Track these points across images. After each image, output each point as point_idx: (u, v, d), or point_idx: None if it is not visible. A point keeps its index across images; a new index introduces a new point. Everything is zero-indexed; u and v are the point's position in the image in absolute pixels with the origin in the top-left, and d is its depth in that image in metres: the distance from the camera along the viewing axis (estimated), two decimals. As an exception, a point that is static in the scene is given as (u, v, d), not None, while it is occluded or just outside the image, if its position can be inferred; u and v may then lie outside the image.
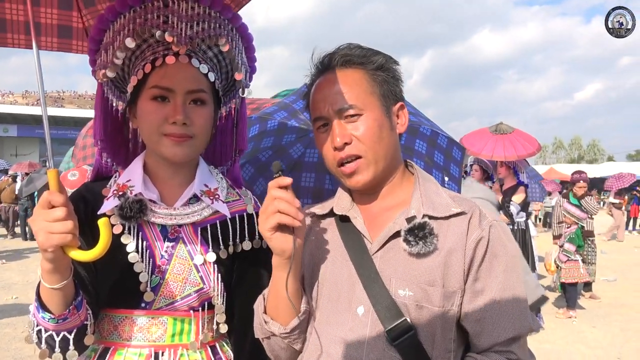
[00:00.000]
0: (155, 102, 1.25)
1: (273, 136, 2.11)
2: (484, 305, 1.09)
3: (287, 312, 1.16)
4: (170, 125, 1.24)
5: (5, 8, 1.52)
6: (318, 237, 1.26)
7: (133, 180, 1.31)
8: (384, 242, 1.15)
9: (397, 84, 1.24)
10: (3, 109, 34.61)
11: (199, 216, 1.32)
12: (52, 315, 1.11)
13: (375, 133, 1.16)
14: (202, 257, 1.32)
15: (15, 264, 10.30)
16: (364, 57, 1.20)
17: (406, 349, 1.06)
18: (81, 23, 1.65)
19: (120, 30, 1.22)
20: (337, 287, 1.17)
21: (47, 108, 1.23)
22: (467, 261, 1.10)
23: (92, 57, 1.32)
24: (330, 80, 1.20)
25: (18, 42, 1.62)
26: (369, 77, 1.19)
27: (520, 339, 1.10)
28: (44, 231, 1.00)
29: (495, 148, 5.92)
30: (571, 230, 7.11)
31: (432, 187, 1.21)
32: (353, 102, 1.16)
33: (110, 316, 1.30)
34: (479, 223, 1.13)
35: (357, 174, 1.18)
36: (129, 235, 1.27)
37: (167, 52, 1.24)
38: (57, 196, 1.02)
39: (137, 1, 1.23)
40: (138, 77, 1.26)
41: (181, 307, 1.31)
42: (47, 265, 1.05)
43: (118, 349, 1.28)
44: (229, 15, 1.30)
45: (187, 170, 1.37)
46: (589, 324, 6.44)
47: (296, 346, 1.22)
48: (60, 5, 1.58)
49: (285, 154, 2.06)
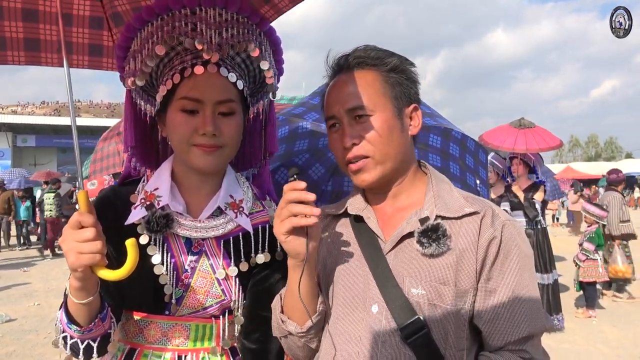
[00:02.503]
0: (184, 113, 1.25)
1: (307, 139, 2.08)
2: (497, 305, 1.09)
3: (303, 312, 1.18)
4: (200, 137, 1.25)
5: (40, 29, 1.59)
6: (333, 237, 1.29)
7: (161, 189, 1.32)
8: (397, 242, 1.16)
9: (412, 86, 1.24)
10: (22, 120, 35.26)
11: (222, 229, 1.33)
12: (79, 327, 1.14)
13: (384, 134, 1.17)
14: (224, 272, 1.33)
15: (36, 270, 10.49)
16: (377, 59, 1.21)
17: (419, 347, 1.08)
18: (111, 41, 1.70)
19: (149, 38, 1.23)
20: (351, 286, 1.19)
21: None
22: (479, 260, 1.11)
23: (120, 64, 1.34)
24: (343, 81, 1.22)
25: (51, 61, 1.70)
26: (382, 78, 1.20)
27: (533, 338, 1.10)
28: (74, 251, 1.03)
29: (517, 141, 5.87)
30: (591, 230, 7.00)
31: (446, 187, 1.22)
32: (363, 102, 1.17)
33: (136, 319, 1.34)
34: (492, 222, 1.13)
35: (363, 172, 1.19)
36: (155, 247, 1.29)
37: (196, 61, 1.24)
38: (87, 217, 1.05)
39: (164, 9, 1.23)
40: (167, 87, 1.26)
41: (204, 315, 1.34)
42: (76, 283, 1.08)
43: (144, 350, 1.32)
44: (257, 20, 1.31)
45: (214, 179, 1.37)
46: (609, 323, 6.34)
47: (312, 345, 1.24)
48: (92, 25, 1.64)
49: (324, 158, 2.03)
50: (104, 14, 1.63)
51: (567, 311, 6.50)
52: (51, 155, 35.89)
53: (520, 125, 6.14)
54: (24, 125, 35.07)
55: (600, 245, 6.95)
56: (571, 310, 6.80)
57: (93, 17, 1.62)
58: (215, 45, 1.21)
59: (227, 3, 1.25)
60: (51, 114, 38.50)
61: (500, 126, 6.50)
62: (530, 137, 5.90)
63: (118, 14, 1.61)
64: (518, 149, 5.84)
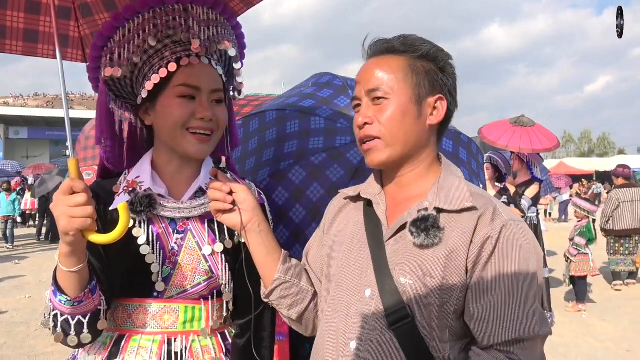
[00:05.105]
0: (182, 99, 1.32)
1: (322, 136, 1.98)
2: (487, 306, 1.08)
3: (265, 276, 1.35)
4: (197, 121, 1.32)
5: (40, 20, 1.63)
6: (345, 218, 1.34)
7: (142, 176, 1.36)
8: (396, 231, 1.18)
9: (444, 77, 1.22)
10: (14, 112, 35.01)
11: (205, 209, 1.38)
12: (69, 297, 1.16)
13: (396, 118, 1.18)
14: (210, 248, 1.38)
15: (27, 263, 10.45)
16: (410, 46, 1.22)
17: (403, 334, 1.10)
18: (77, 32, 1.71)
19: (139, 30, 1.28)
20: (352, 268, 1.23)
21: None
22: (471, 258, 1.10)
23: (97, 54, 1.34)
24: (370, 65, 1.24)
25: (47, 53, 1.72)
26: (407, 65, 1.20)
27: (523, 342, 1.06)
28: (65, 215, 1.07)
29: (512, 138, 5.84)
30: (582, 224, 7.07)
31: (455, 181, 1.21)
32: (381, 85, 1.19)
33: (125, 305, 1.36)
34: (491, 221, 1.12)
35: (372, 152, 1.21)
36: (140, 228, 1.32)
37: (190, 53, 1.31)
38: (78, 183, 1.09)
39: (158, 2, 1.29)
40: (161, 75, 1.29)
41: (192, 295, 1.37)
42: (66, 249, 1.11)
43: (132, 335, 1.34)
44: (234, 22, 1.42)
45: (194, 165, 1.43)
46: (599, 317, 6.42)
47: (283, 311, 1.35)
48: (60, 15, 1.63)
49: (343, 159, 1.92)
50: (72, 4, 1.65)
51: (557, 305, 6.57)
52: (44, 147, 35.70)
53: (517, 123, 6.09)
54: (17, 117, 34.85)
55: (590, 239, 7.02)
56: (561, 304, 6.87)
57: (61, 6, 1.62)
58: (206, 41, 1.30)
59: (214, 4, 1.35)
60: (44, 106, 38.24)
61: (500, 121, 6.43)
62: (525, 137, 5.85)
63: (87, 4, 1.63)
64: (511, 147, 5.82)
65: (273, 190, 1.91)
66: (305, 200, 1.90)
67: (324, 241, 1.38)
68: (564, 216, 18.56)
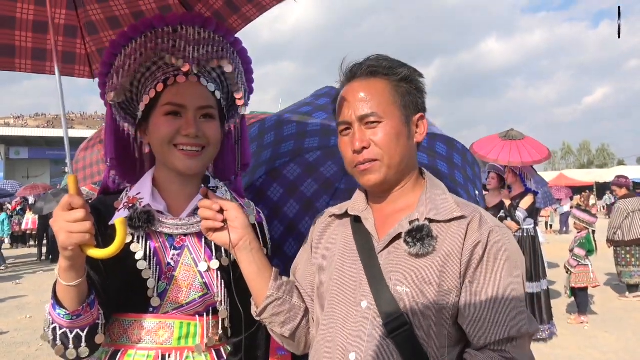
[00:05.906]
0: (168, 116, 1.35)
1: (318, 136, 2.09)
2: (480, 306, 1.14)
3: (256, 294, 1.35)
4: (183, 137, 1.34)
5: (47, 39, 1.68)
6: (333, 234, 1.37)
7: (142, 193, 1.39)
8: (389, 242, 1.23)
9: (420, 96, 1.30)
10: (15, 132, 35.18)
11: None
12: (67, 311, 1.18)
13: (392, 140, 1.23)
14: (206, 264, 1.40)
15: (28, 283, 10.42)
16: (389, 69, 1.27)
17: (402, 342, 1.14)
18: (84, 49, 1.77)
19: (132, 55, 1.32)
20: (345, 282, 1.26)
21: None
22: (463, 263, 1.16)
23: (103, 80, 1.41)
24: (355, 88, 1.28)
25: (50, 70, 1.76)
26: (392, 87, 1.26)
27: (515, 340, 1.13)
28: (64, 231, 1.09)
29: (502, 152, 5.95)
30: (581, 235, 7.07)
31: (440, 193, 1.28)
32: (374, 109, 1.23)
33: (120, 320, 1.37)
34: (479, 227, 1.18)
35: (370, 173, 1.25)
36: (138, 244, 1.35)
37: (178, 73, 1.35)
38: (76, 199, 1.11)
39: (148, 27, 1.33)
40: (150, 96, 1.35)
41: (187, 311, 1.39)
42: (65, 263, 1.14)
43: (127, 350, 1.35)
44: (231, 39, 1.43)
45: (194, 183, 1.45)
46: (601, 329, 6.38)
47: (276, 329, 1.34)
48: (66, 33, 1.70)
49: (337, 156, 2.03)
50: (78, 22, 1.70)
51: (559, 317, 6.55)
52: (44, 167, 35.78)
53: (507, 137, 6.21)
54: (17, 138, 34.99)
55: (590, 250, 7.00)
56: (563, 317, 6.84)
57: (67, 25, 1.68)
58: (194, 60, 1.32)
59: (205, 23, 1.37)
60: (44, 126, 38.46)
61: (491, 136, 6.57)
62: (514, 150, 5.97)
63: (92, 22, 1.68)
64: (501, 161, 5.92)
65: (268, 186, 2.00)
66: (299, 195, 1.98)
67: (312, 258, 1.41)
68: (565, 228, 18.53)
